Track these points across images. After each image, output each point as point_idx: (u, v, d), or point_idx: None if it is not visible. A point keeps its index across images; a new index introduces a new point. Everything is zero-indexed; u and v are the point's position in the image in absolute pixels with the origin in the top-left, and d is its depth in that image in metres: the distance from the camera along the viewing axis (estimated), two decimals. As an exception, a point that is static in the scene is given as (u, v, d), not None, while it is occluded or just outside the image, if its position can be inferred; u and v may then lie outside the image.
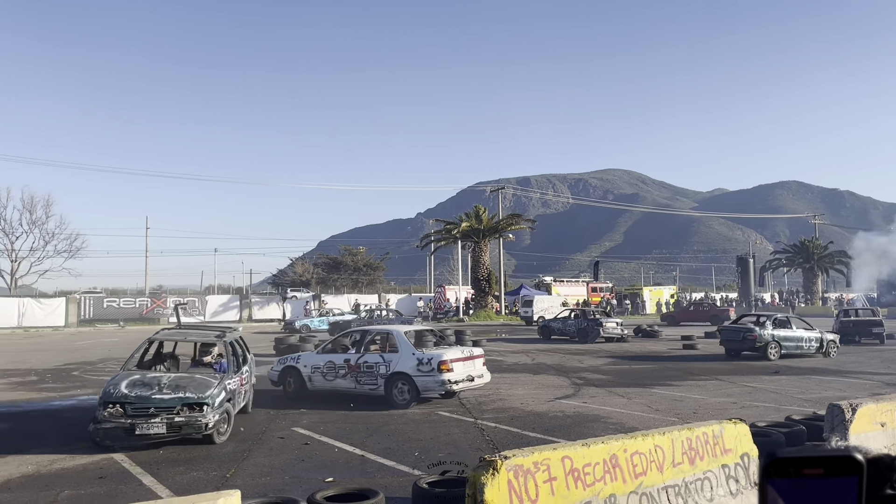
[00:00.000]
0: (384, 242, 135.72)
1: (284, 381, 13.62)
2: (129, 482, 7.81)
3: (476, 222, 51.61)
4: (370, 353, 13.00)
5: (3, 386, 16.13)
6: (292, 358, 14.01)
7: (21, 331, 38.99)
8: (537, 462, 4.85)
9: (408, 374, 12.21)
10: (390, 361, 12.49)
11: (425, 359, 12.23)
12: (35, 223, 52.75)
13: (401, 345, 12.69)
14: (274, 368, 13.97)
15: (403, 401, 12.19)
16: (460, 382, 12.33)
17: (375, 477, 7.80)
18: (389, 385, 12.38)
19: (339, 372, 12.94)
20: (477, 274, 51.03)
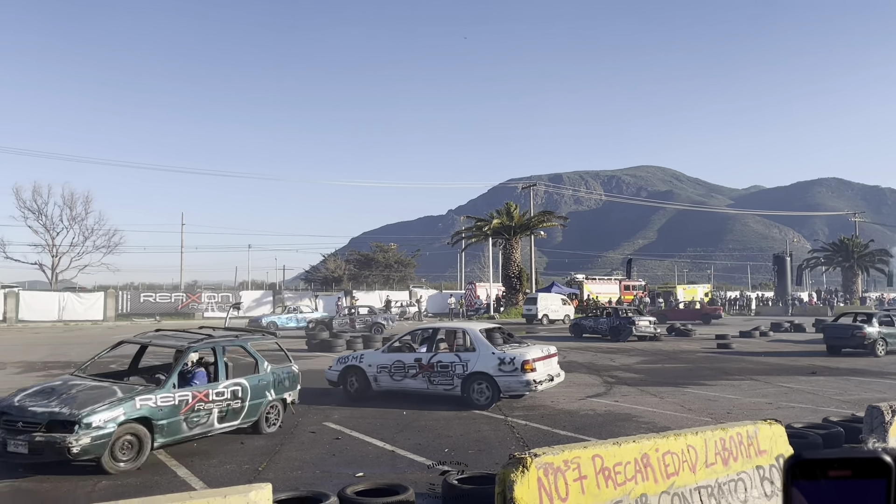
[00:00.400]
0: (415, 239, 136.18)
1: (345, 381, 13.14)
2: (164, 473, 7.96)
3: (507, 219, 51.43)
4: (444, 353, 12.54)
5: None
6: (354, 357, 13.42)
7: (61, 324, 39.90)
8: (567, 460, 4.82)
9: (488, 374, 11.77)
10: (468, 361, 12.02)
11: (507, 358, 11.78)
12: (75, 219, 53.92)
13: (478, 343, 12.25)
14: (333, 368, 13.47)
15: (483, 401, 11.77)
16: (543, 382, 11.98)
17: (405, 473, 7.83)
18: (467, 385, 11.93)
19: (408, 372, 12.46)
20: (508, 271, 50.87)
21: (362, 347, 23.57)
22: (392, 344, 13.47)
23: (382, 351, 13.27)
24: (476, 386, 11.92)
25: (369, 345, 23.87)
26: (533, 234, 52.94)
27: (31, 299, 42.33)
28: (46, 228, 52.98)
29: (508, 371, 11.69)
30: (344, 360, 13.49)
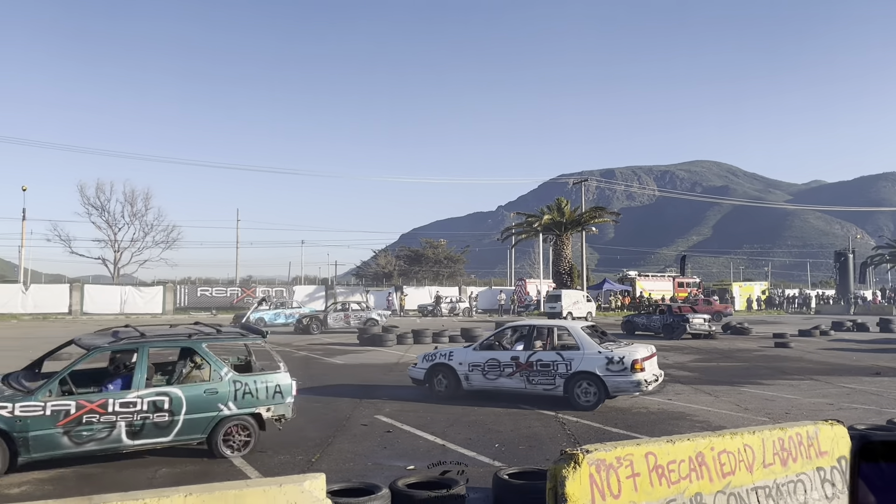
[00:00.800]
0: (465, 235, 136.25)
1: (432, 380, 12.64)
2: (220, 463, 8.16)
3: (558, 215, 51.04)
4: (544, 351, 12.07)
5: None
6: (442, 355, 12.76)
7: (123, 317, 41.27)
8: (620, 457, 4.77)
9: (595, 374, 11.27)
10: (571, 360, 11.52)
11: (616, 357, 11.29)
12: (135, 215, 55.74)
13: (582, 342, 11.76)
14: (418, 366, 12.95)
15: (588, 402, 11.31)
16: (652, 383, 11.49)
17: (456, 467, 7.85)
18: (571, 385, 11.45)
19: (504, 370, 11.98)
20: (558, 267, 50.52)
21: (413, 342, 23.75)
22: (484, 342, 12.89)
23: (474, 348, 12.71)
24: (582, 386, 11.42)
25: (419, 340, 24.03)
26: (584, 230, 52.44)
27: (94, 293, 43.94)
28: (109, 224, 54.91)
29: (617, 371, 11.20)
30: (430, 357, 12.90)
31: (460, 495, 6.06)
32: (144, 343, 8.28)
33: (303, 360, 19.32)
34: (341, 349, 22.44)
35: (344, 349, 22.46)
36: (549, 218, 50.71)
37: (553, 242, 52.44)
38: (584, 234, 53.15)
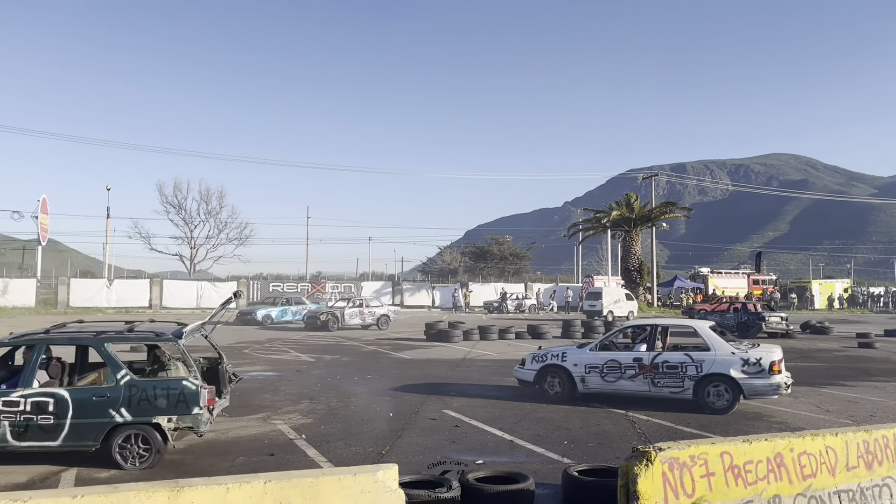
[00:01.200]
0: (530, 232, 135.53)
1: (543, 381, 12.12)
2: (295, 453, 8.40)
3: (627, 210, 50.18)
4: (670, 352, 11.59)
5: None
6: (553, 355, 12.19)
7: (199, 311, 42.75)
8: (694, 456, 4.70)
9: (730, 377, 10.78)
10: (702, 361, 10.98)
11: (752, 359, 10.80)
12: (210, 213, 57.68)
13: (712, 342, 11.25)
14: (526, 367, 12.44)
15: (721, 406, 10.80)
16: (790, 386, 11.08)
17: (524, 462, 7.86)
18: (701, 388, 10.94)
19: (625, 372, 11.46)
20: (627, 264, 49.70)
21: (479, 338, 23.81)
22: (600, 342, 12.35)
23: (590, 348, 12.12)
24: (713, 389, 10.92)
25: (485, 336, 24.07)
26: (654, 226, 51.39)
27: (173, 288, 45.68)
28: (185, 222, 57.00)
29: (754, 373, 10.73)
30: (540, 358, 12.34)
31: (530, 490, 6.07)
32: (43, 340, 8.03)
33: (372, 354, 19.64)
34: (408, 344, 22.69)
35: (411, 344, 22.70)
36: (617, 214, 49.90)
37: (622, 238, 51.60)
38: (654, 229, 52.07)
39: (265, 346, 21.57)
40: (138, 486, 4.34)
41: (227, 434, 9.38)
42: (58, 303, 41.48)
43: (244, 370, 16.03)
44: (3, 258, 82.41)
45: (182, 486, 4.31)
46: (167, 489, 4.26)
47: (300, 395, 12.61)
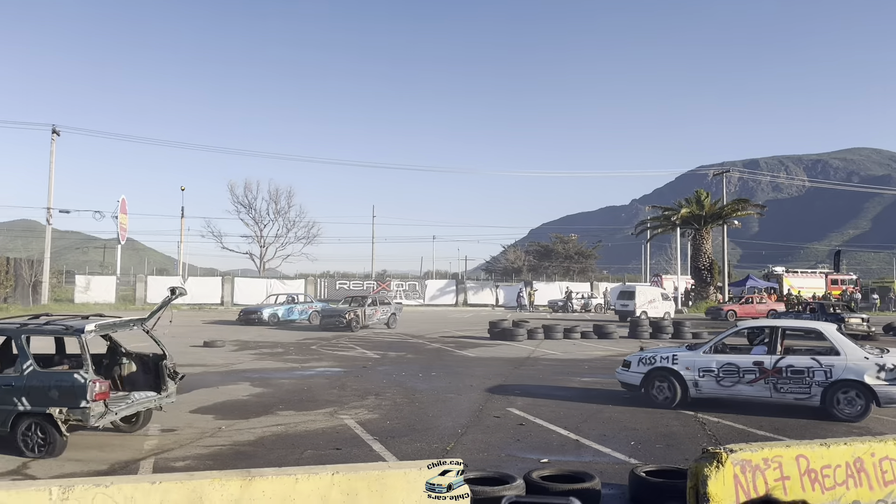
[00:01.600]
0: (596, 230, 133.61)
1: (650, 386, 11.54)
2: (361, 447, 8.53)
3: (697, 208, 48.91)
4: (795, 356, 10.99)
5: (254, 356, 18.33)
6: (662, 358, 11.60)
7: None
8: (767, 458, 4.56)
9: (863, 383, 10.16)
10: (832, 366, 10.40)
11: (889, 364, 10.17)
12: (279, 212, 59.12)
13: (843, 346, 10.69)
14: (632, 370, 11.88)
15: (852, 413, 10.24)
16: None
17: (590, 462, 7.77)
18: (830, 395, 10.37)
19: (743, 377, 10.90)
20: (697, 263, 48.45)
21: (543, 337, 23.63)
22: (713, 344, 11.73)
23: (704, 351, 11.53)
24: (843, 395, 10.35)
25: (550, 335, 23.87)
26: (725, 224, 49.90)
27: (243, 285, 47.02)
28: (255, 221, 58.58)
29: (891, 379, 10.11)
30: (648, 360, 11.74)
31: (596, 490, 6.00)
32: None
33: (436, 352, 19.76)
34: (472, 342, 22.72)
35: (474, 342, 22.73)
36: (687, 211, 48.68)
37: (692, 237, 50.31)
38: (726, 227, 50.55)
39: (331, 343, 21.97)
40: (212, 475, 4.51)
41: (296, 428, 9.60)
42: (136, 299, 43.25)
43: (311, 366, 16.41)
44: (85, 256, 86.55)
45: (253, 475, 4.44)
46: (239, 478, 4.41)
47: (366, 390, 12.79)
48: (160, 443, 8.71)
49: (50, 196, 40.34)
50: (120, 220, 48.79)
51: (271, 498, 4.35)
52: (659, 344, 22.01)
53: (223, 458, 7.94)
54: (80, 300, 41.62)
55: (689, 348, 12.11)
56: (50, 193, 40.37)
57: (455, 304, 50.79)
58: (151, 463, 7.76)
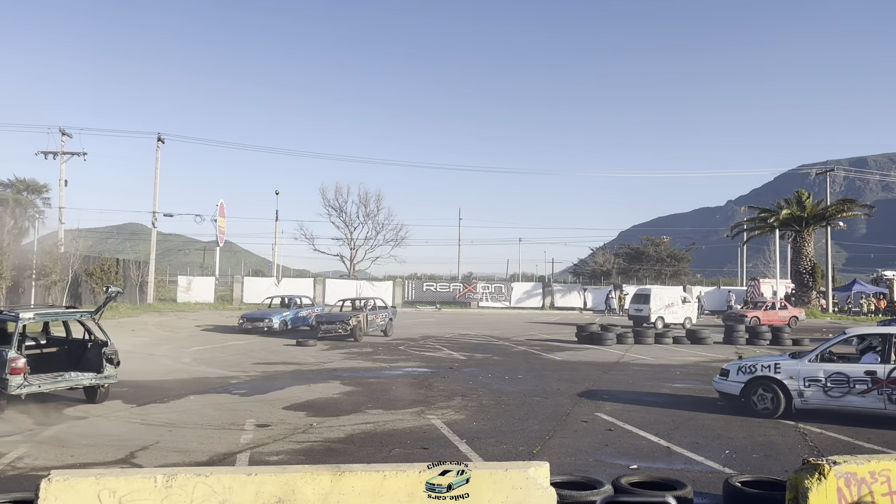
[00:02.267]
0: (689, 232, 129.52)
1: (751, 395, 11.06)
2: (447, 447, 8.60)
3: (797, 209, 46.67)
4: None
5: (343, 356, 18.76)
6: (764, 367, 11.12)
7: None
8: (875, 472, 4.31)
9: None
10: None
11: None
12: (369, 216, 60.28)
13: None
14: (731, 379, 11.42)
15: None
16: None
17: (681, 470, 7.55)
18: None
19: (854, 387, 10.38)
20: (798, 266, 46.23)
21: (633, 342, 23.11)
22: (820, 352, 11.16)
23: (809, 360, 10.99)
24: None
25: (640, 340, 23.31)
26: (829, 226, 47.42)
27: (334, 286, 48.23)
28: (346, 224, 59.95)
29: None
30: (748, 369, 11.26)
31: (688, 499, 5.82)
32: None
33: (522, 355, 19.66)
34: (559, 346, 22.47)
35: (561, 346, 22.47)
36: (787, 212, 46.50)
37: (792, 239, 48.04)
38: (829, 229, 48.02)
39: (419, 344, 22.22)
40: (304, 468, 4.65)
41: (385, 426, 9.77)
42: (233, 299, 45.11)
43: (399, 366, 16.65)
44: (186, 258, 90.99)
45: (343, 470, 4.56)
46: (330, 473, 4.53)
47: (452, 391, 12.88)
48: (255, 437, 9.05)
49: (155, 200, 42.62)
50: (219, 223, 50.98)
51: (360, 493, 4.45)
52: (756, 350, 21.13)
53: (314, 453, 8.17)
54: (181, 300, 43.79)
55: (791, 356, 11.55)
56: (155, 198, 42.66)
57: (541, 307, 50.37)
58: (247, 456, 8.08)
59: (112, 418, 10.24)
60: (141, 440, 8.76)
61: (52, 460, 7.76)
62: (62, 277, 32.72)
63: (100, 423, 9.89)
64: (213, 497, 4.36)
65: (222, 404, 11.41)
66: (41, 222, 43.17)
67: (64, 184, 39.84)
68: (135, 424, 9.82)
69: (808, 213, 46.19)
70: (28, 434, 9.12)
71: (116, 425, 9.77)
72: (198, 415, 10.51)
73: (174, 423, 9.90)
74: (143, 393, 12.29)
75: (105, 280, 34.40)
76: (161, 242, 53.53)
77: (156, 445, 8.52)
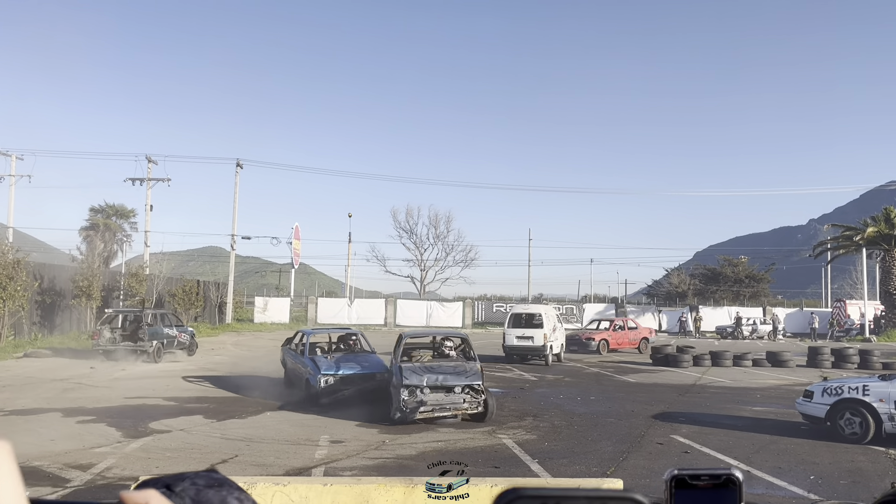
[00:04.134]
0: (769, 251, 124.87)
1: (837, 418, 10.61)
2: (519, 466, 8.56)
3: (886, 227, 44.40)
4: None
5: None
6: (851, 388, 10.72)
7: (426, 328, 45.14)
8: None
9: None
10: None
11: None
12: (439, 237, 60.71)
13: None
14: (815, 401, 11.00)
15: None
16: None
17: (763, 494, 7.30)
18: None
19: None
20: (888, 287, 43.87)
21: (710, 364, 22.40)
22: None
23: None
24: None
25: (718, 362, 22.58)
26: (921, 244, 44.88)
27: (405, 307, 48.72)
28: (416, 245, 60.54)
29: None
30: (834, 391, 10.82)
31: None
32: None
33: (594, 377, 19.35)
34: (633, 368, 22.01)
35: (635, 367, 22.00)
36: (874, 230, 44.31)
37: (880, 258, 45.69)
38: (922, 248, 45.46)
39: (489, 365, 22.16)
40: (378, 481, 4.74)
41: (456, 445, 9.80)
42: (307, 319, 46.11)
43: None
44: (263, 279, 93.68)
45: (416, 482, 4.62)
46: (403, 485, 4.60)
47: (523, 411, 12.79)
48: (329, 453, 9.23)
49: (234, 224, 44.14)
50: (294, 245, 52.35)
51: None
52: (843, 374, 20.15)
53: (387, 469, 8.27)
54: (258, 320, 45.06)
55: (881, 378, 11.01)
56: (234, 221, 44.18)
57: (614, 328, 49.48)
58: (322, 470, 8.25)
59: (194, 432, 10.63)
60: (221, 453, 9.06)
61: (137, 470, 8.12)
62: (147, 298, 34.23)
63: (182, 437, 10.28)
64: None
65: (297, 421, 11.68)
66: (128, 245, 45.37)
67: (149, 209, 41.67)
68: (215, 438, 10.17)
69: (898, 231, 43.89)
70: (116, 446, 9.57)
71: (198, 439, 10.14)
72: (274, 430, 10.80)
73: (252, 437, 10.20)
74: (223, 408, 12.71)
75: (186, 301, 35.84)
76: (239, 265, 55.36)
77: (235, 459, 8.79)
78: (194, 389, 15.28)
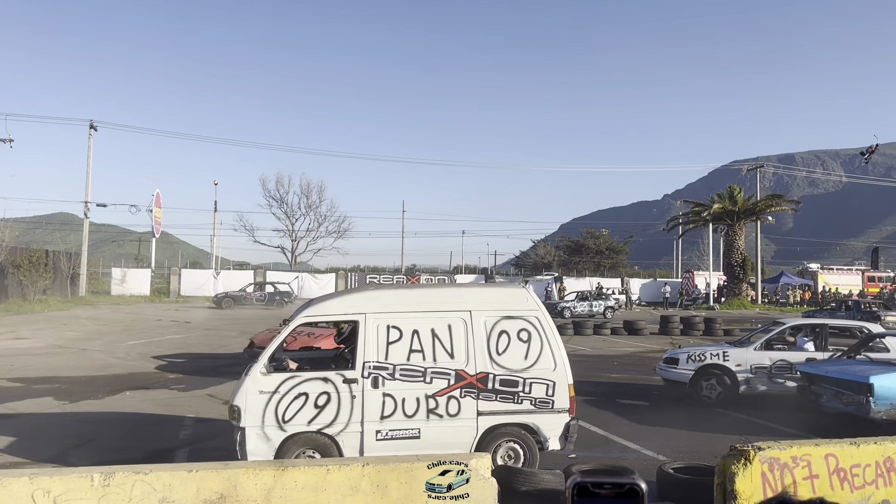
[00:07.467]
0: (628, 225, 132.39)
1: (699, 382, 11.29)
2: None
3: (729, 203, 48.26)
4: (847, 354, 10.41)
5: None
6: (713, 355, 11.39)
7: (300, 301, 44.34)
8: (796, 457, 4.56)
9: None
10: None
11: None
12: (311, 207, 59.58)
13: (890, 344, 10.32)
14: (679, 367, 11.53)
15: None
16: None
17: (618, 458, 7.80)
18: None
19: (796, 373, 10.53)
20: (730, 259, 47.83)
21: (572, 333, 23.51)
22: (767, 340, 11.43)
23: (755, 348, 11.35)
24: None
25: (580, 331, 23.74)
26: (759, 220, 49.21)
27: (274, 278, 47.53)
28: (287, 215, 59.11)
29: None
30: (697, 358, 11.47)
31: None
32: None
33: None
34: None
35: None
36: (719, 207, 48.06)
37: (724, 233, 49.66)
38: (759, 223, 49.83)
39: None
40: (247, 464, 4.65)
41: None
42: (170, 292, 43.98)
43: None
44: (121, 249, 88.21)
45: (286, 465, 4.57)
46: (273, 468, 4.53)
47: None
48: (195, 433, 8.92)
49: (87, 190, 41.19)
50: (155, 213, 49.64)
51: (303, 488, 4.46)
52: (690, 340, 21.83)
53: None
54: (116, 292, 42.42)
55: (735, 345, 12.12)
56: (87, 188, 41.23)
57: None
58: (186, 452, 7.96)
59: (43, 416, 9.93)
60: (74, 438, 8.52)
61: (-21, 460, 7.49)
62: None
63: (30, 421, 9.58)
64: (153, 495, 4.30)
65: (160, 400, 11.18)
66: (-37, 211, 41.19)
67: (-12, 171, 38.04)
68: (67, 421, 9.54)
69: (740, 208, 47.82)
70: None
71: (48, 422, 9.48)
72: (133, 411, 10.28)
73: (109, 419, 9.66)
74: (76, 389, 11.94)
75: (34, 272, 33.10)
76: (94, 233, 51.78)
77: (90, 443, 8.31)
78: (43, 369, 14.20)
